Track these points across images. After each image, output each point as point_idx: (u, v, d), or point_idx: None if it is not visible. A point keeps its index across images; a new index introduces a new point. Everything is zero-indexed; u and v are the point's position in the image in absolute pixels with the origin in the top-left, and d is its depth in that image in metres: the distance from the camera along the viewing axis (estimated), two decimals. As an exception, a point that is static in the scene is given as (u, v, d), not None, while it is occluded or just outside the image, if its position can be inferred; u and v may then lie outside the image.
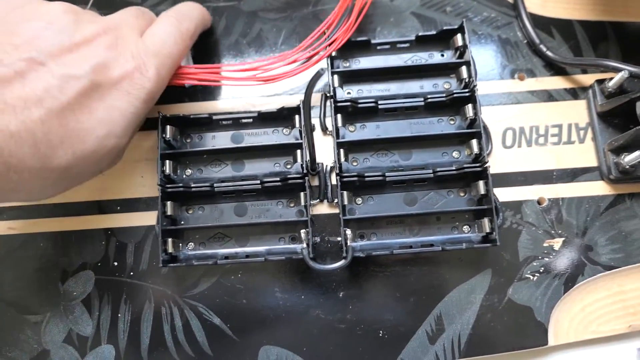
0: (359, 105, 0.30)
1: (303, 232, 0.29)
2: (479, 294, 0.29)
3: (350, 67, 0.32)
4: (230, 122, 0.31)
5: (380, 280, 0.30)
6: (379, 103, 0.30)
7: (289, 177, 0.29)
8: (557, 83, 0.32)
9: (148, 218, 0.31)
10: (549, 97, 0.32)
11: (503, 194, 0.30)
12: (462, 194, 0.30)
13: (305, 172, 0.29)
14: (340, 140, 0.30)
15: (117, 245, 0.31)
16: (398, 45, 0.32)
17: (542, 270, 0.29)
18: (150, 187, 0.31)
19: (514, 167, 0.31)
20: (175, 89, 0.31)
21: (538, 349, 0.29)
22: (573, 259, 0.30)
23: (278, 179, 0.29)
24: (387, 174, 0.29)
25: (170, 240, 0.29)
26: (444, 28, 0.31)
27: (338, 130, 0.30)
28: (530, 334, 0.29)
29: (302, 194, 0.29)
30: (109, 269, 0.30)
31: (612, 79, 0.30)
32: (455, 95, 0.29)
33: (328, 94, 0.31)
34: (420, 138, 0.30)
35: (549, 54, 0.32)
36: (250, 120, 0.31)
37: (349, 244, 0.28)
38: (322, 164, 0.31)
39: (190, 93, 0.33)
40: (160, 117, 0.30)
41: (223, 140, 0.31)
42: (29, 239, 0.31)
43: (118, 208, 0.31)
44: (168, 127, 0.30)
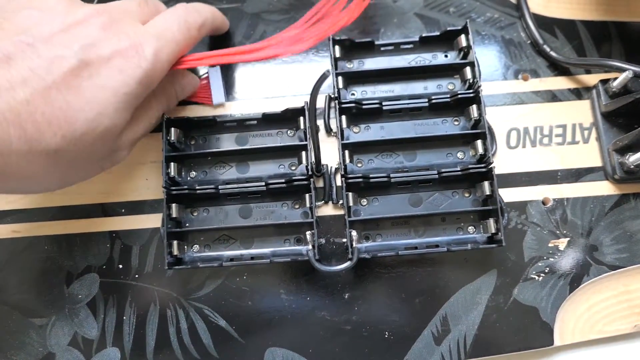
0: (364, 107, 0.30)
1: (308, 233, 0.29)
2: (485, 295, 0.29)
3: (354, 68, 0.32)
4: (235, 124, 0.31)
5: (386, 282, 0.30)
6: (383, 104, 0.30)
7: (294, 178, 0.29)
8: (561, 83, 0.32)
9: (153, 220, 0.31)
10: (553, 97, 0.32)
11: (508, 195, 0.30)
12: (467, 195, 0.30)
13: (310, 173, 0.29)
14: (345, 142, 0.30)
15: (122, 248, 0.31)
16: (402, 46, 0.32)
17: (547, 271, 0.29)
18: (155, 189, 0.31)
19: (519, 167, 0.31)
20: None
21: (544, 349, 0.29)
22: (578, 259, 0.30)
23: (283, 181, 0.29)
24: (392, 175, 0.29)
25: (176, 243, 0.29)
26: (448, 29, 0.31)
27: (343, 132, 0.30)
28: (536, 335, 0.29)
29: (307, 196, 0.29)
30: (114, 272, 0.30)
31: (616, 79, 0.30)
32: (460, 96, 0.29)
33: (332, 96, 0.31)
34: (425, 139, 0.30)
35: (553, 54, 0.32)
36: (255, 122, 0.31)
37: (355, 246, 0.28)
38: (326, 166, 0.31)
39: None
40: (165, 119, 0.30)
41: (227, 142, 0.31)
42: (34, 242, 0.31)
43: (123, 211, 0.31)
44: (172, 129, 0.30)
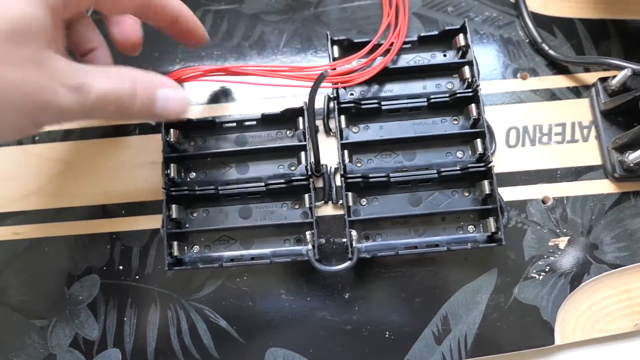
0: (363, 107, 0.30)
1: (308, 233, 0.29)
2: (485, 294, 0.29)
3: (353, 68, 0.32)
4: (234, 124, 0.31)
5: (386, 281, 0.30)
6: (382, 104, 0.30)
7: (294, 179, 0.29)
8: (559, 82, 0.32)
9: (153, 222, 0.31)
10: (552, 96, 0.32)
11: (507, 194, 0.30)
12: (466, 194, 0.30)
13: (310, 173, 0.29)
14: (344, 142, 0.30)
15: (122, 249, 0.31)
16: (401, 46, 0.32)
17: (547, 270, 0.29)
18: (155, 190, 0.31)
19: (518, 166, 0.31)
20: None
21: (544, 348, 0.29)
22: (578, 258, 0.30)
23: (282, 181, 0.29)
24: (391, 175, 0.29)
25: (176, 244, 0.29)
26: (446, 28, 0.31)
27: (342, 132, 0.30)
28: (537, 334, 0.29)
29: (306, 196, 0.29)
30: (115, 273, 0.30)
31: (615, 77, 0.30)
32: (459, 95, 0.29)
33: (331, 96, 0.31)
34: (424, 138, 0.30)
35: (552, 53, 0.32)
36: (254, 123, 0.31)
37: (355, 245, 0.28)
38: (326, 166, 0.31)
39: (193, 95, 0.33)
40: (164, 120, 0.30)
41: (227, 143, 0.31)
42: (34, 244, 0.31)
43: (123, 212, 0.31)
44: (172, 130, 0.30)
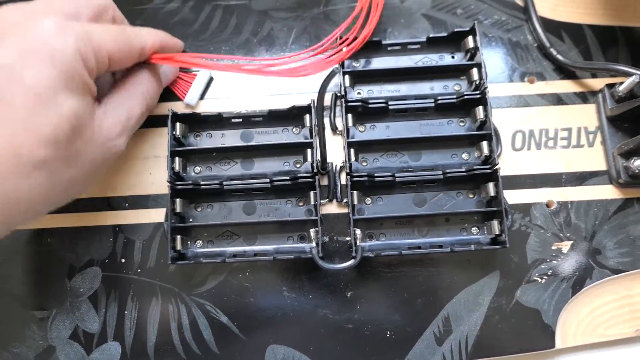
0: (370, 106, 0.30)
1: (312, 231, 0.29)
2: (487, 296, 0.29)
3: (361, 67, 0.32)
4: (240, 120, 0.31)
5: (388, 281, 0.30)
6: (390, 104, 0.30)
7: (299, 176, 0.29)
8: (567, 87, 0.32)
9: (156, 215, 0.31)
10: (559, 100, 0.32)
11: (512, 197, 0.30)
12: (471, 196, 0.30)
13: (316, 171, 0.29)
14: (351, 140, 0.30)
15: (124, 242, 0.30)
16: (409, 47, 0.32)
17: (550, 273, 0.29)
18: (159, 184, 0.31)
19: (523, 169, 0.31)
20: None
21: (545, 352, 0.29)
22: (581, 262, 0.30)
23: (288, 178, 0.29)
24: (396, 175, 0.29)
25: (179, 238, 0.29)
26: (456, 30, 0.31)
27: (348, 130, 0.30)
28: (538, 337, 0.29)
29: (311, 193, 0.29)
30: (117, 266, 0.30)
31: (622, 84, 0.30)
32: (466, 97, 0.30)
33: (338, 94, 0.31)
34: (430, 139, 0.30)
35: (559, 58, 0.32)
36: (260, 119, 0.31)
37: (359, 244, 0.28)
38: (331, 164, 0.31)
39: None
40: (171, 114, 0.30)
41: (233, 139, 0.31)
42: (36, 235, 0.31)
43: (126, 205, 0.31)
44: (178, 124, 0.30)
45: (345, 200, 0.30)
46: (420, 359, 0.29)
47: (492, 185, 0.29)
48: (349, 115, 0.30)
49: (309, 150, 0.30)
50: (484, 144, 0.29)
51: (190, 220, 0.30)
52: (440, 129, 0.31)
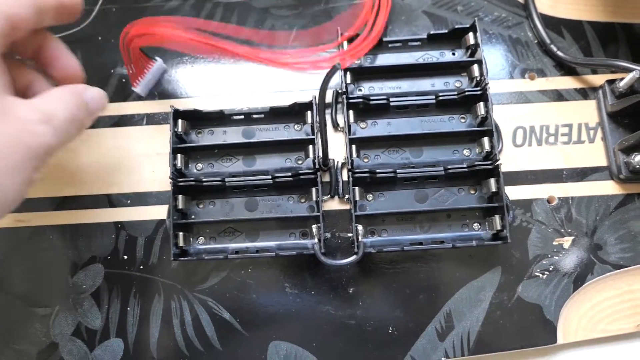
0: (371, 102, 0.30)
1: (315, 227, 0.29)
2: (489, 292, 0.29)
3: (362, 64, 0.32)
4: (242, 117, 0.31)
5: (390, 277, 0.30)
6: (391, 100, 0.30)
7: (301, 172, 0.29)
8: (567, 83, 0.32)
9: (158, 212, 0.31)
10: (559, 96, 0.32)
11: (513, 193, 0.31)
12: (472, 192, 0.30)
13: (317, 167, 0.29)
14: (352, 137, 0.30)
15: (127, 239, 0.31)
16: (410, 44, 0.32)
17: (551, 269, 0.30)
18: (161, 181, 0.31)
19: (524, 165, 0.31)
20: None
21: (547, 347, 0.29)
22: (582, 258, 0.30)
23: (289, 174, 0.29)
24: (398, 171, 0.29)
25: (181, 234, 0.29)
26: (456, 27, 0.31)
27: (350, 127, 0.30)
28: (539, 332, 0.29)
29: (313, 190, 0.29)
30: (119, 263, 0.30)
31: (622, 79, 0.30)
32: (467, 93, 0.30)
33: (340, 91, 0.31)
34: (431, 135, 0.30)
35: (560, 54, 0.32)
36: (262, 116, 0.31)
37: (360, 240, 0.28)
38: (333, 160, 0.31)
39: (202, 87, 0.33)
40: (173, 110, 0.30)
41: (234, 135, 0.31)
42: (38, 232, 0.31)
43: (128, 202, 0.31)
44: (180, 121, 0.30)
45: (347, 197, 0.30)
46: (423, 355, 0.29)
47: (493, 181, 0.29)
48: (351, 112, 0.30)
49: (311, 147, 0.30)
50: (485, 140, 0.30)
51: (193, 217, 0.30)
52: (442, 125, 0.31)
